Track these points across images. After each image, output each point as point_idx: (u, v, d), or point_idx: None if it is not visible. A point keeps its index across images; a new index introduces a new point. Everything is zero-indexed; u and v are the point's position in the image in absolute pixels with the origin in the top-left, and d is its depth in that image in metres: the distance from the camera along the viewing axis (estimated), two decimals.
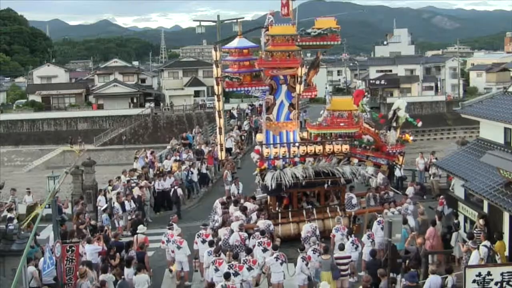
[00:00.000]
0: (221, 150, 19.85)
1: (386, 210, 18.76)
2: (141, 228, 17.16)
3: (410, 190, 22.66)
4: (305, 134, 20.81)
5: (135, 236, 16.99)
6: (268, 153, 18.24)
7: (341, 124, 19.15)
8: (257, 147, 19.97)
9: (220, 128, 19.53)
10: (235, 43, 18.28)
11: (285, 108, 18.81)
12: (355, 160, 19.27)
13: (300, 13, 19.50)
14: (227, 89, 18.66)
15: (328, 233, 17.29)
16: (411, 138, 20.78)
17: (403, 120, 19.91)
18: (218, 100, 18.96)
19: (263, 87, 18.33)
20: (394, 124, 19.88)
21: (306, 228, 17.02)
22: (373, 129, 20.26)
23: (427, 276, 13.25)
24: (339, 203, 19.74)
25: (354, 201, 20.06)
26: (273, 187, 18.01)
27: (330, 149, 18.80)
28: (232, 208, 18.87)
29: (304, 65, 19.22)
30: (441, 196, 21.22)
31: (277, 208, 19.20)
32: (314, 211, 18.96)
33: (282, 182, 17.95)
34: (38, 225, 12.55)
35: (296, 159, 18.62)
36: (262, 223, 17.24)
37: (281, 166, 18.33)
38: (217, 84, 18.42)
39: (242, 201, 19.63)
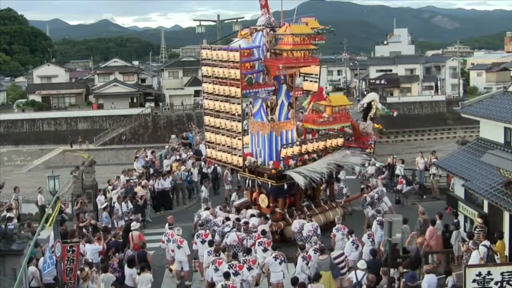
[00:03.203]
0: (240, 156, 18.52)
1: (366, 195, 20.04)
2: (134, 224, 17.11)
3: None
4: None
5: (130, 233, 16.94)
6: (286, 153, 18.19)
7: (342, 118, 19.93)
8: (246, 150, 19.86)
9: (239, 132, 18.33)
10: (241, 43, 17.76)
11: (285, 108, 18.75)
12: (348, 151, 20.20)
13: (300, 12, 19.41)
14: None
15: (331, 226, 17.39)
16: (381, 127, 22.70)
17: (380, 112, 21.72)
18: (239, 104, 17.81)
19: (269, 87, 18.09)
20: (372, 115, 21.39)
21: (307, 228, 16.97)
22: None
23: None
24: (329, 194, 20.56)
25: (345, 190, 21.32)
26: (303, 185, 17.83)
27: (331, 143, 19.69)
28: (232, 215, 18.48)
29: None
30: (400, 177, 23.99)
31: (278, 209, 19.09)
32: (313, 207, 19.34)
33: (309, 180, 17.88)
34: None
35: (306, 156, 18.85)
36: (297, 223, 17.25)
37: (293, 165, 18.34)
38: (238, 87, 17.28)
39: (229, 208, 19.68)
